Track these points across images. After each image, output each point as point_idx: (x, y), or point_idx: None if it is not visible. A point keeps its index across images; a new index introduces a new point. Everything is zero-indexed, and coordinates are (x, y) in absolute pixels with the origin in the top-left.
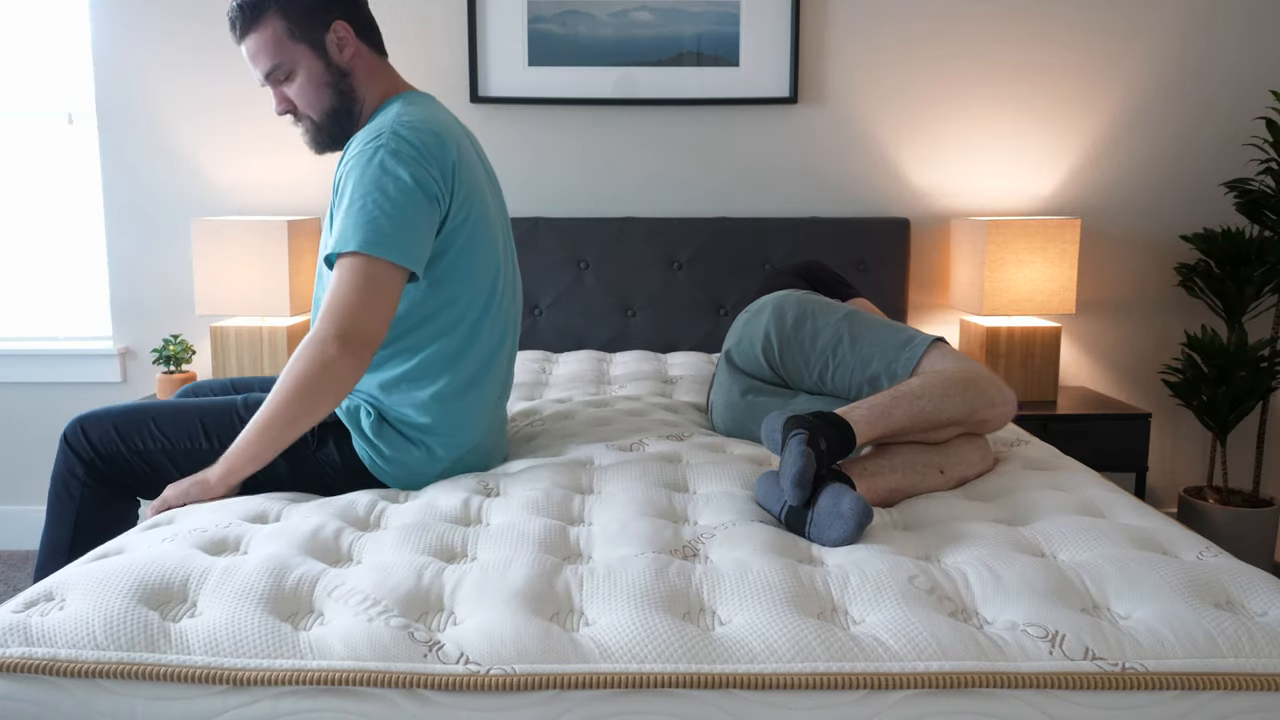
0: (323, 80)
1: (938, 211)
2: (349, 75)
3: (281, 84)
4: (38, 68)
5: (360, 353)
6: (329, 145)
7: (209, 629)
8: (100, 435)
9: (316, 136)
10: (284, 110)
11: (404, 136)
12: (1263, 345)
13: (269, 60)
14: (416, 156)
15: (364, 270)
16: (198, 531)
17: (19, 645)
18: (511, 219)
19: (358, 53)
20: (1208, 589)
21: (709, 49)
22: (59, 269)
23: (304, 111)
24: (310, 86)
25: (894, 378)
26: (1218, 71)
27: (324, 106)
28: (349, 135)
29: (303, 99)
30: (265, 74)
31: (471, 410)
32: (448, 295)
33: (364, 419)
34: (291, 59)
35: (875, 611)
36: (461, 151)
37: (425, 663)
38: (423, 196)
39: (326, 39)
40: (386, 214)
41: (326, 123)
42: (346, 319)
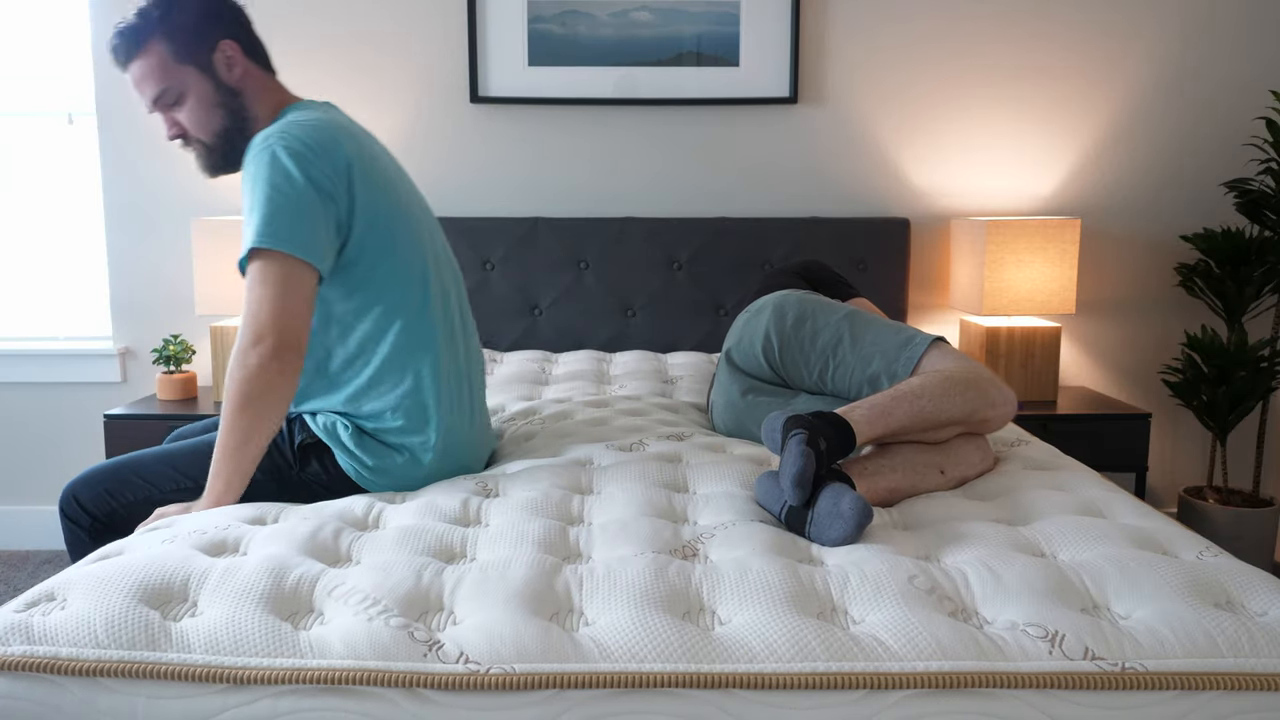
0: (213, 101)
1: (938, 211)
2: (239, 94)
3: (171, 108)
4: (38, 68)
5: (283, 355)
6: (222, 167)
7: (209, 628)
8: (91, 498)
9: (209, 159)
10: (174, 135)
11: (293, 135)
12: (1263, 345)
13: (156, 85)
14: (305, 153)
15: (265, 271)
16: (197, 533)
17: (20, 644)
18: (512, 219)
19: (247, 72)
20: (1207, 589)
21: (709, 49)
22: (59, 269)
23: (194, 135)
24: (200, 108)
25: (894, 377)
26: (1218, 71)
27: (215, 128)
28: (241, 153)
29: (193, 122)
30: (153, 99)
31: (443, 407)
32: (375, 294)
33: (342, 433)
34: (179, 82)
35: (875, 611)
36: (361, 149)
37: (425, 662)
38: (314, 192)
39: (214, 59)
40: (279, 208)
41: (219, 144)
42: (260, 324)
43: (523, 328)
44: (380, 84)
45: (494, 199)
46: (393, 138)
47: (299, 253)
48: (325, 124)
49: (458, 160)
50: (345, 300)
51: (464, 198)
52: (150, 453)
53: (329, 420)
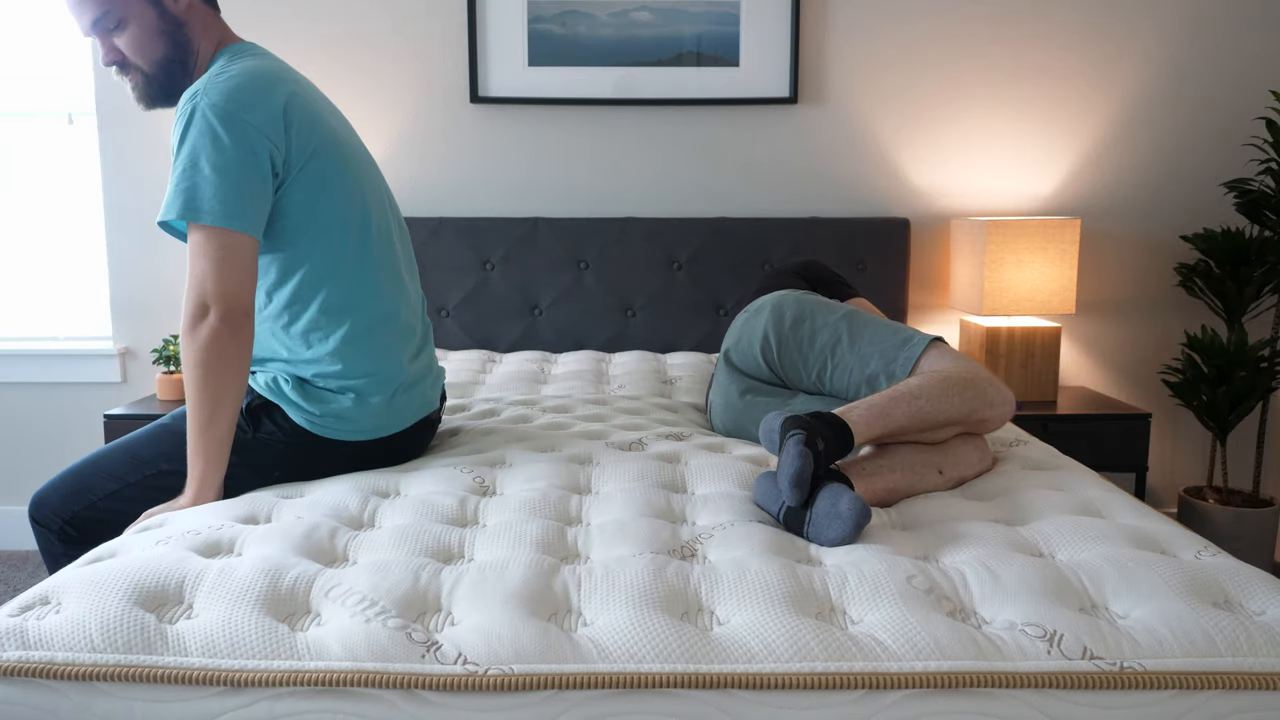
0: (156, 29)
1: (938, 211)
2: (184, 25)
3: (111, 33)
4: (38, 68)
5: (231, 318)
6: (159, 99)
7: (206, 630)
8: (59, 503)
9: (146, 89)
10: (111, 61)
11: (220, 90)
12: (1263, 345)
13: (96, 8)
14: (234, 109)
15: (203, 244)
16: (191, 534)
17: (16, 649)
18: (511, 219)
19: (191, 4)
20: (1206, 588)
21: (709, 49)
22: (59, 269)
23: (134, 62)
24: (143, 35)
25: (892, 377)
26: (1217, 71)
27: (156, 56)
28: (181, 88)
29: (134, 48)
30: (91, 22)
31: (387, 347)
32: (315, 238)
33: (284, 386)
34: (122, 6)
35: (873, 611)
36: (295, 92)
37: (423, 663)
38: (245, 152)
39: None
40: (209, 180)
41: (158, 73)
42: (205, 294)
43: (522, 328)
44: (380, 84)
45: (494, 199)
46: (393, 138)
47: (233, 225)
48: (258, 71)
49: (457, 160)
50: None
51: (464, 198)
52: (106, 448)
53: (269, 377)
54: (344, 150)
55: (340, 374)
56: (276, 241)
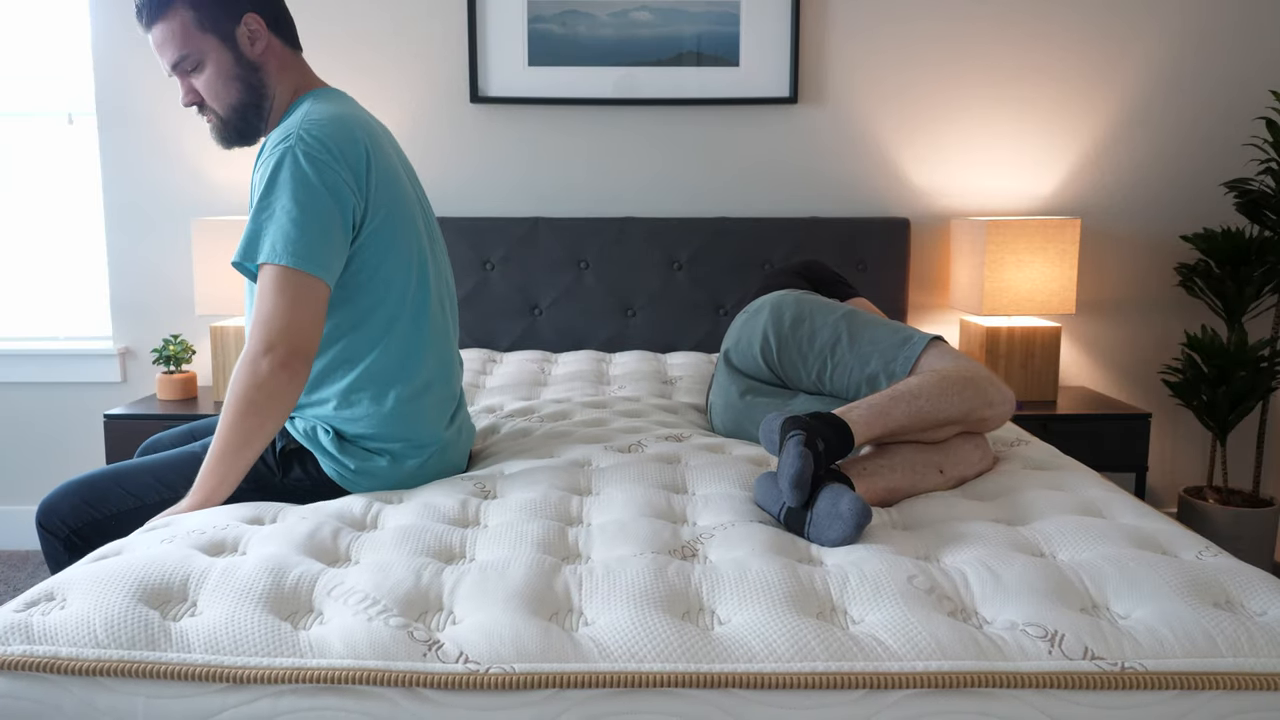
0: (232, 74)
1: (938, 211)
2: (259, 69)
3: (189, 75)
4: (38, 68)
5: (292, 364)
6: (236, 140)
7: (209, 628)
8: (70, 509)
9: (223, 131)
10: (190, 102)
11: (314, 136)
12: (1263, 345)
13: (176, 51)
14: (327, 159)
15: (281, 281)
16: (196, 533)
17: (20, 644)
18: (512, 219)
19: (270, 47)
20: (1207, 589)
21: (709, 49)
22: (59, 269)
23: (210, 105)
24: (218, 79)
25: (892, 377)
26: (1217, 71)
27: (231, 101)
28: (258, 131)
29: (210, 92)
30: (172, 64)
31: (429, 411)
32: (374, 299)
33: (323, 438)
34: (200, 50)
35: (874, 611)
36: (375, 145)
37: (425, 662)
38: (333, 202)
39: (237, 31)
40: (296, 222)
41: (233, 118)
42: (272, 333)
43: (522, 328)
44: (380, 84)
45: (494, 199)
46: None
47: (315, 270)
48: (343, 119)
49: (458, 160)
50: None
51: (464, 198)
52: (131, 464)
53: (309, 425)
54: (412, 211)
55: (377, 436)
56: (336, 297)
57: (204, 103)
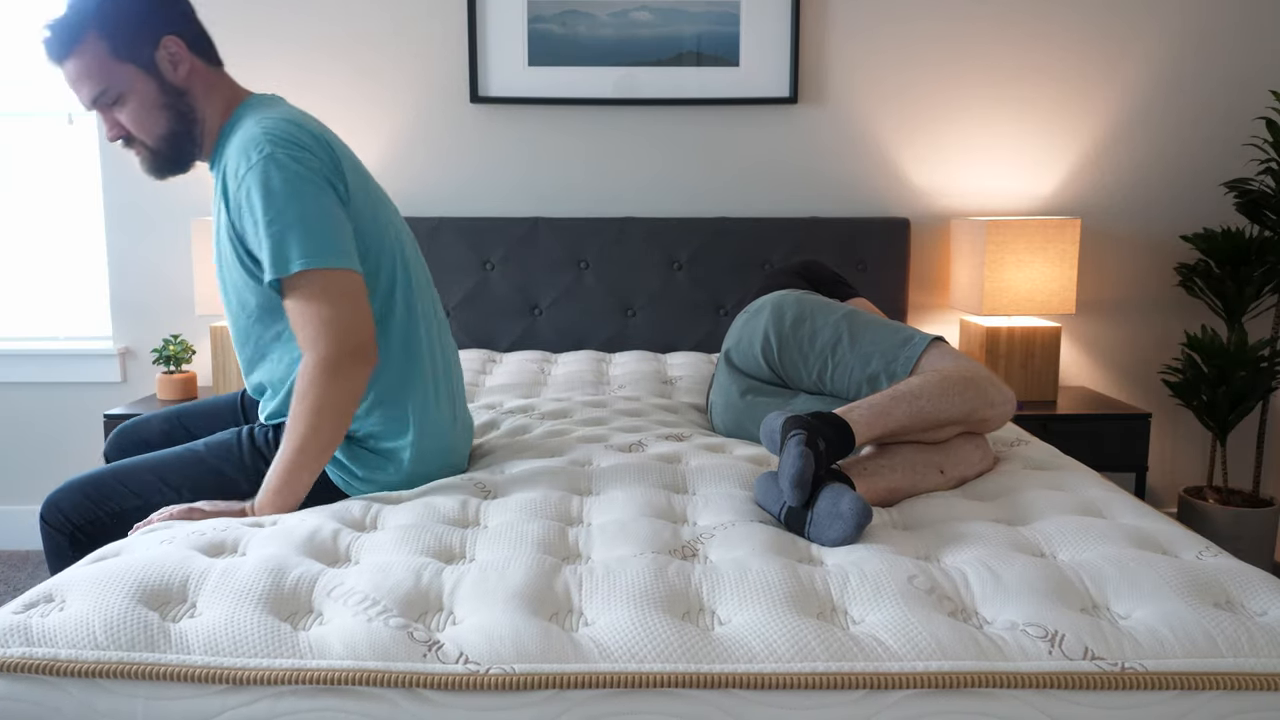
0: (157, 102)
1: (938, 211)
2: (186, 94)
3: (111, 108)
4: (38, 68)
5: (369, 359)
6: (169, 170)
7: (209, 629)
8: (74, 506)
9: (154, 162)
10: (115, 136)
11: (281, 137)
12: (1263, 345)
13: (95, 85)
14: (305, 154)
15: (324, 284)
16: (195, 534)
17: (19, 645)
18: (511, 219)
19: (193, 69)
20: (1207, 589)
21: (709, 49)
22: (59, 269)
23: (138, 137)
24: (144, 110)
25: (893, 377)
26: (1217, 71)
27: (160, 131)
28: (192, 157)
29: (136, 124)
30: (91, 100)
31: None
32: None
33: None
34: (119, 81)
35: (875, 611)
36: (328, 133)
37: (425, 662)
38: (330, 192)
39: (157, 56)
40: (310, 224)
41: (164, 147)
42: (340, 335)
43: (522, 328)
44: (380, 84)
45: (494, 199)
46: (393, 138)
47: (346, 264)
48: (292, 117)
49: (458, 160)
50: None
51: (464, 198)
52: (133, 462)
53: None
54: (382, 195)
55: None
56: None
57: (131, 136)
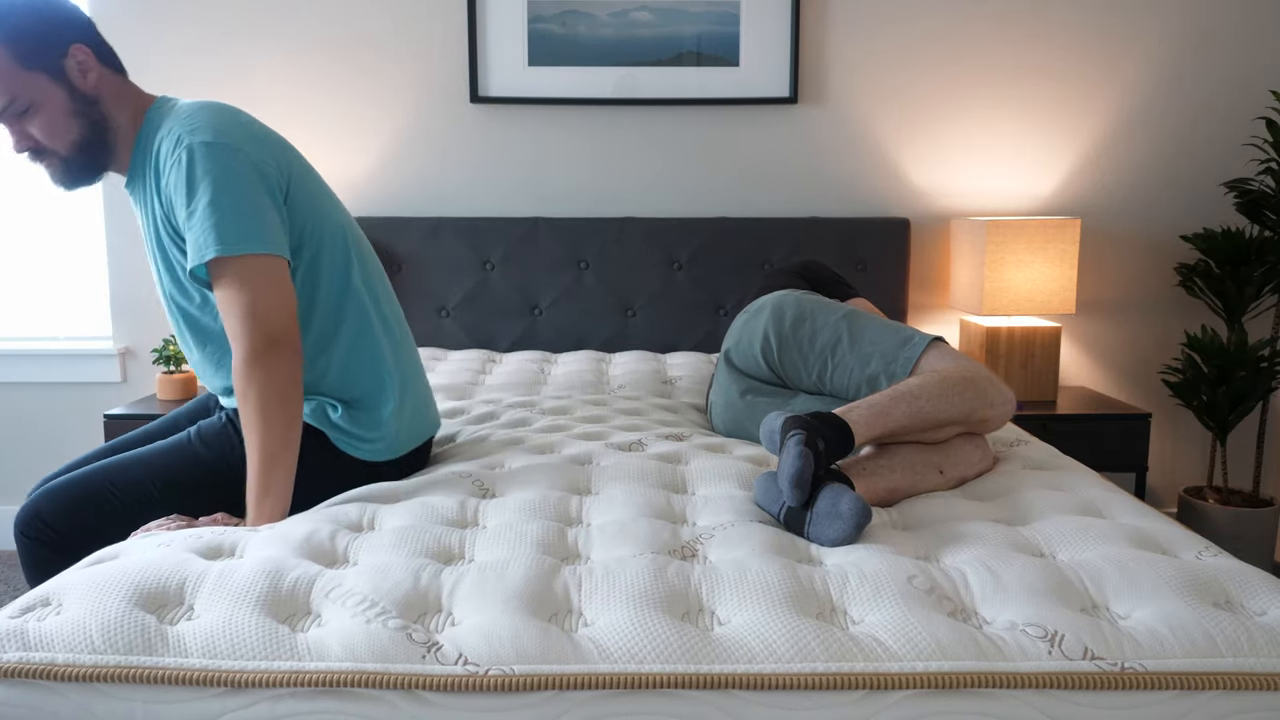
0: (69, 110)
1: (938, 211)
2: (97, 102)
3: (20, 119)
4: None
5: (285, 348)
6: (81, 179)
7: (206, 631)
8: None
9: (66, 172)
10: (25, 148)
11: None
12: (1263, 345)
13: (2, 95)
14: (228, 141)
15: (242, 275)
16: (192, 537)
17: (16, 650)
18: (512, 219)
19: (101, 77)
20: (1207, 589)
21: (709, 49)
22: (59, 269)
23: (50, 147)
24: (56, 118)
25: (893, 377)
26: (1217, 71)
27: (73, 138)
28: (104, 166)
29: (49, 133)
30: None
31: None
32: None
33: (332, 414)
34: (29, 90)
35: (874, 611)
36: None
37: (424, 664)
38: (254, 177)
39: (65, 64)
40: (228, 209)
41: (77, 155)
42: (267, 327)
43: (522, 328)
44: (380, 84)
45: (494, 199)
46: (393, 138)
47: (266, 249)
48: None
49: (458, 160)
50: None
51: (464, 198)
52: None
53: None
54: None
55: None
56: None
57: (40, 147)
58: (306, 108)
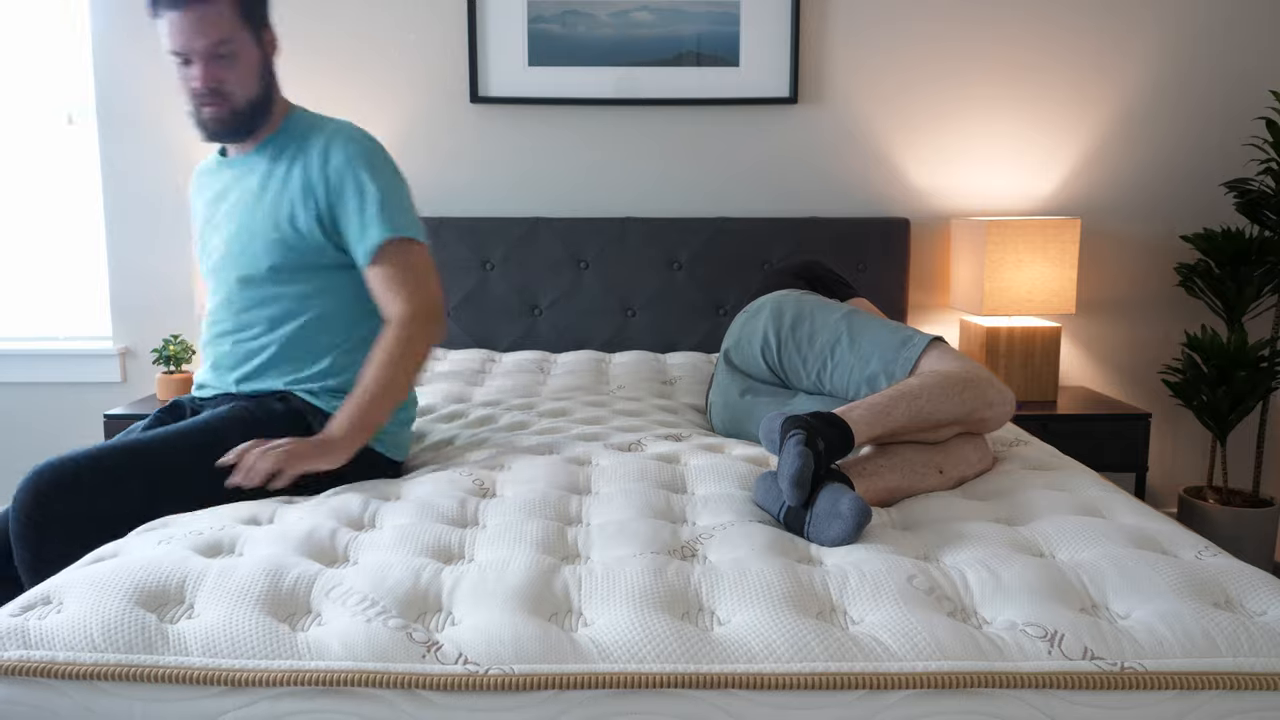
0: (258, 70)
1: (938, 211)
2: (274, 76)
3: (219, 61)
4: (38, 68)
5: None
6: (235, 132)
7: (206, 630)
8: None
9: (228, 120)
10: (210, 86)
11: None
12: (1263, 345)
13: (218, 33)
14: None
15: (415, 256)
16: (193, 534)
17: (17, 648)
18: (511, 219)
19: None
20: (1206, 589)
21: (709, 49)
22: (59, 269)
23: (234, 91)
24: (249, 72)
25: (892, 377)
26: (1217, 71)
27: (251, 95)
28: (257, 129)
29: (237, 81)
30: (211, 43)
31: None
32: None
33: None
34: (238, 39)
35: (874, 611)
36: None
37: (424, 663)
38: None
39: (264, 36)
40: (404, 200)
41: (248, 109)
42: (433, 302)
43: (522, 328)
44: (380, 84)
45: (494, 199)
46: (393, 138)
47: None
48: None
49: (458, 160)
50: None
51: (464, 198)
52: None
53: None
54: None
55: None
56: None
57: (223, 90)
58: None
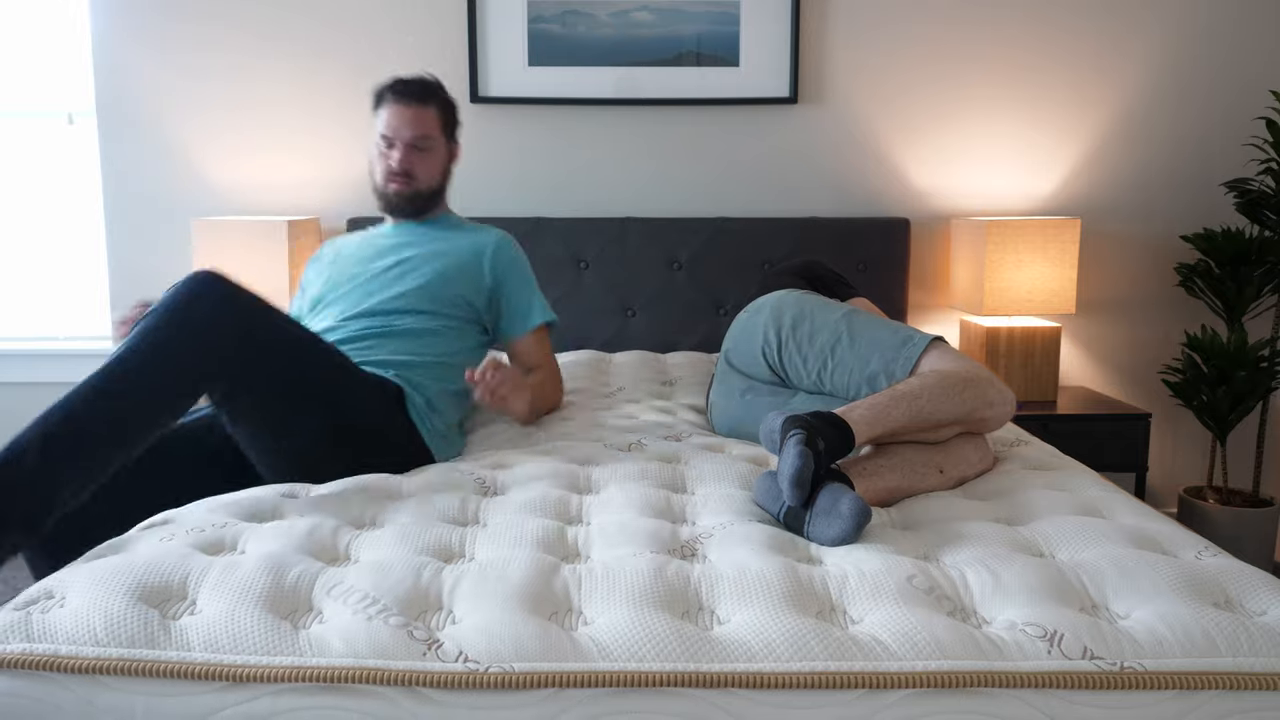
0: (442, 168)
1: (938, 211)
2: (449, 176)
3: (420, 152)
4: (38, 68)
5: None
6: (413, 209)
7: (209, 626)
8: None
9: (414, 201)
10: (406, 169)
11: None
12: (1263, 345)
13: (428, 129)
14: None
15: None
16: (195, 531)
17: (20, 642)
18: (512, 219)
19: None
20: (1206, 589)
21: (709, 49)
22: (59, 269)
23: (422, 176)
24: (437, 165)
25: (892, 377)
26: (1217, 71)
27: (433, 184)
28: (427, 212)
29: (426, 169)
30: (414, 137)
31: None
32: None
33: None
34: (436, 141)
35: (874, 611)
36: None
37: (424, 661)
38: None
39: (452, 147)
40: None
41: (427, 193)
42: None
43: None
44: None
45: (494, 199)
46: None
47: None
48: None
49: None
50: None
51: (463, 198)
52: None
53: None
54: None
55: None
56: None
57: (414, 174)
58: (306, 108)
